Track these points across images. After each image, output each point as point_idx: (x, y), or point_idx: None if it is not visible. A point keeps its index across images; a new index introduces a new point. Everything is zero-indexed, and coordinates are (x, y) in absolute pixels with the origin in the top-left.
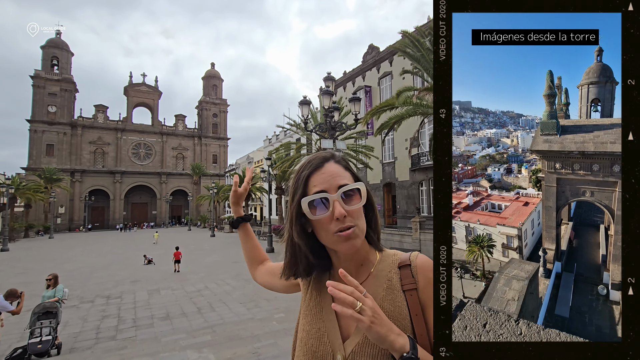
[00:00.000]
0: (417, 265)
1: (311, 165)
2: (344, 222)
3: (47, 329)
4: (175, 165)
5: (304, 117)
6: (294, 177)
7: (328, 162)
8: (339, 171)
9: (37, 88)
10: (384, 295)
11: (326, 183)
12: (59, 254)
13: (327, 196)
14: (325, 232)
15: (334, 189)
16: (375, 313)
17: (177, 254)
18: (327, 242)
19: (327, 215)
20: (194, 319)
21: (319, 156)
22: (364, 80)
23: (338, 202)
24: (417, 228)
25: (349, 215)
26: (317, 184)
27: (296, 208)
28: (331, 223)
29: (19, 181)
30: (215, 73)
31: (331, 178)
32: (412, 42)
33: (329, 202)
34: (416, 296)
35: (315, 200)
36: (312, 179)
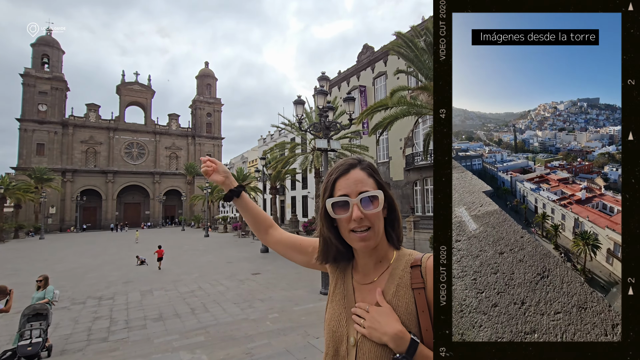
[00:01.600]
0: (426, 266)
1: (339, 170)
2: (361, 223)
3: (37, 331)
4: (169, 165)
5: (298, 116)
6: (324, 179)
7: (354, 169)
8: (363, 178)
9: (27, 86)
10: (395, 292)
11: (349, 188)
12: (49, 254)
13: (347, 200)
14: (343, 230)
15: (354, 194)
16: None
17: (159, 252)
18: (346, 239)
19: (346, 216)
20: (187, 320)
21: (347, 162)
22: (359, 80)
23: (357, 206)
24: (411, 227)
25: (366, 218)
26: (342, 187)
27: (324, 207)
28: (349, 223)
29: (8, 181)
30: (209, 72)
31: (354, 184)
32: (405, 42)
33: (349, 205)
34: (424, 295)
35: (338, 202)
36: (338, 183)
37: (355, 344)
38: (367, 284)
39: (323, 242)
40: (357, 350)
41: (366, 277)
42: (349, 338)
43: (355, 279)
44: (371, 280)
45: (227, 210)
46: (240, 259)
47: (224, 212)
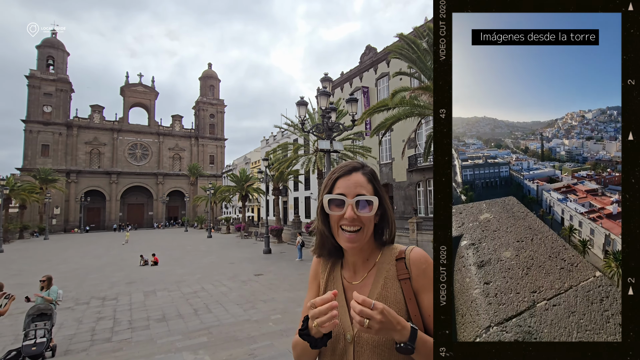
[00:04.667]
0: (410, 258)
1: (342, 170)
2: (352, 223)
3: (41, 331)
4: (172, 166)
5: (301, 118)
6: (327, 176)
7: (356, 172)
8: (363, 182)
9: (33, 88)
10: (383, 284)
11: (348, 189)
12: (53, 255)
13: (344, 199)
14: (334, 225)
15: (352, 195)
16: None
17: (155, 259)
18: (335, 234)
19: (340, 214)
20: (190, 321)
21: (351, 165)
22: (362, 81)
23: (351, 207)
24: (414, 229)
25: (358, 219)
26: (341, 187)
27: (322, 202)
28: (340, 221)
29: (13, 182)
30: (212, 73)
31: (353, 186)
32: (408, 44)
33: (345, 204)
34: (409, 284)
35: (334, 200)
36: (339, 182)
37: (352, 340)
38: (357, 283)
39: (320, 236)
40: (355, 345)
41: (356, 276)
42: (345, 335)
43: (345, 278)
44: (361, 277)
45: (229, 211)
46: (242, 260)
47: (227, 213)
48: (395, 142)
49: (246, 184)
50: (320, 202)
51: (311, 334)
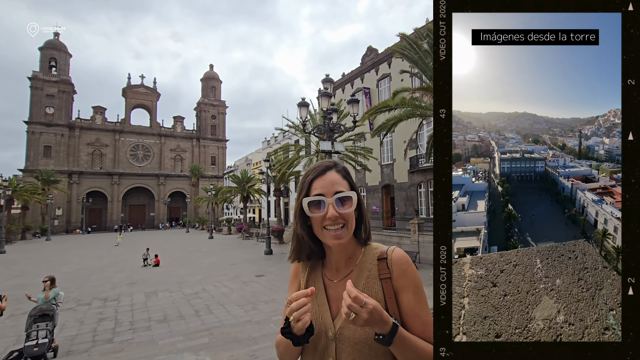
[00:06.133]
0: (392, 258)
1: (316, 171)
2: (335, 221)
3: (43, 332)
4: (174, 167)
5: (302, 119)
6: (301, 179)
7: (330, 171)
8: (338, 179)
9: (35, 89)
10: (365, 283)
11: (325, 188)
12: (56, 256)
13: (323, 199)
14: (317, 227)
15: (330, 194)
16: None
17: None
18: (319, 236)
19: (321, 215)
20: (192, 322)
21: (324, 164)
22: (363, 82)
23: (332, 205)
24: (415, 230)
25: (340, 217)
26: (318, 187)
27: (300, 206)
28: (323, 221)
29: (16, 183)
30: (213, 74)
31: (330, 185)
32: (409, 44)
33: (325, 204)
34: (390, 284)
35: (314, 201)
36: (315, 183)
37: (334, 337)
38: (340, 281)
39: (297, 241)
40: (336, 342)
41: (338, 274)
42: (327, 332)
43: (327, 276)
44: (343, 276)
45: (231, 212)
46: (244, 261)
47: (228, 214)
48: (397, 143)
49: (247, 185)
50: (298, 206)
51: (293, 332)
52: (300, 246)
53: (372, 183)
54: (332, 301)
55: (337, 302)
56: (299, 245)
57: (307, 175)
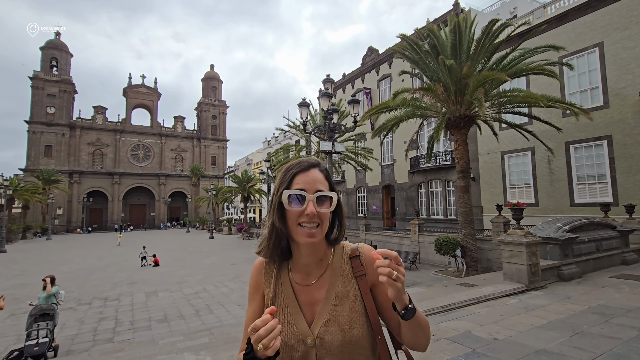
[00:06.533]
0: (364, 255)
1: (300, 166)
2: (312, 219)
3: (43, 331)
4: (174, 167)
5: (302, 119)
6: (282, 171)
7: (314, 168)
8: (320, 178)
9: (36, 89)
10: (341, 283)
11: (307, 184)
12: (56, 255)
13: (305, 194)
14: (292, 222)
15: (312, 191)
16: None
17: (156, 259)
18: (292, 231)
19: (299, 209)
20: (192, 321)
21: (308, 161)
22: (363, 83)
23: (312, 202)
24: (416, 230)
25: (317, 216)
26: (300, 182)
27: (279, 198)
28: (300, 217)
29: (16, 182)
30: (214, 75)
31: (313, 182)
32: (410, 45)
33: (305, 199)
34: (365, 280)
35: (294, 195)
36: (297, 178)
37: (313, 344)
38: (313, 284)
39: (275, 235)
40: (317, 348)
41: (309, 277)
42: (305, 341)
43: (296, 282)
44: (316, 278)
45: (231, 212)
46: (244, 261)
47: (229, 214)
48: (397, 143)
49: (248, 185)
50: (277, 199)
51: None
52: (278, 240)
53: (372, 183)
54: (305, 307)
55: (311, 307)
56: (277, 240)
57: (290, 169)
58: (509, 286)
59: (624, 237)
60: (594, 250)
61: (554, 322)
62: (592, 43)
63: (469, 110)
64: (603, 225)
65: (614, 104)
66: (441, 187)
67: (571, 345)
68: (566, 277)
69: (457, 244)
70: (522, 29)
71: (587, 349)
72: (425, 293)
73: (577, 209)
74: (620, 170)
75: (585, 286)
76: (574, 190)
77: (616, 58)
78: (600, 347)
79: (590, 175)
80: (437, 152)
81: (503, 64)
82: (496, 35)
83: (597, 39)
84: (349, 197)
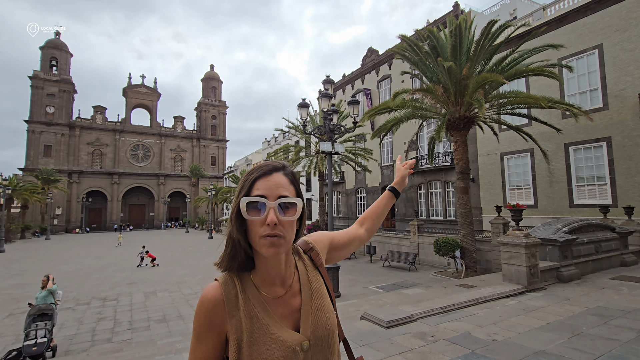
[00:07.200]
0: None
1: (261, 170)
2: (274, 230)
3: (42, 331)
4: (174, 167)
5: (302, 119)
6: (243, 177)
7: (277, 172)
8: (284, 183)
9: (36, 89)
10: (311, 279)
11: (268, 190)
12: (55, 255)
13: (265, 202)
14: (254, 234)
15: (273, 197)
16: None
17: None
18: (254, 243)
19: (259, 219)
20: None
21: (271, 164)
22: (363, 83)
23: (273, 210)
24: (415, 231)
25: (280, 225)
26: (260, 188)
27: (238, 206)
28: (261, 227)
29: (16, 182)
30: (214, 75)
31: (275, 187)
32: (410, 46)
33: (266, 207)
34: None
35: (253, 203)
36: (257, 183)
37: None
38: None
39: (232, 246)
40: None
41: (282, 287)
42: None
43: (269, 295)
44: (287, 286)
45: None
46: None
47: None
48: (397, 144)
49: None
50: (236, 207)
51: None
52: (236, 252)
53: (372, 184)
54: (285, 319)
55: (292, 315)
56: (235, 251)
57: (250, 173)
58: (508, 287)
59: (623, 238)
60: (593, 251)
61: (553, 324)
62: (591, 45)
63: (469, 111)
64: (602, 226)
65: (613, 106)
66: (440, 188)
67: (570, 346)
68: (565, 279)
69: (457, 245)
70: (521, 31)
71: (586, 351)
72: (424, 294)
73: (576, 210)
74: (619, 171)
75: (584, 288)
76: (573, 192)
77: (616, 60)
78: (599, 348)
79: (589, 176)
80: (436, 153)
81: (502, 65)
82: (495, 37)
83: (596, 40)
84: (348, 198)
